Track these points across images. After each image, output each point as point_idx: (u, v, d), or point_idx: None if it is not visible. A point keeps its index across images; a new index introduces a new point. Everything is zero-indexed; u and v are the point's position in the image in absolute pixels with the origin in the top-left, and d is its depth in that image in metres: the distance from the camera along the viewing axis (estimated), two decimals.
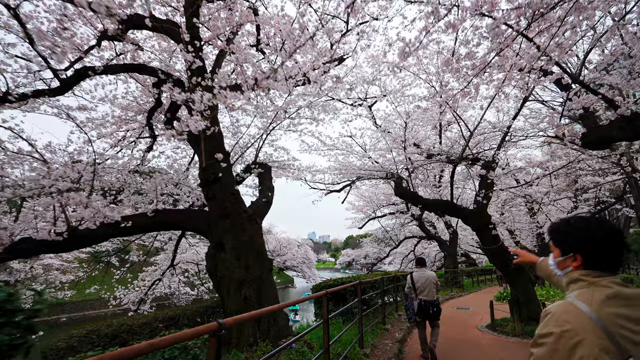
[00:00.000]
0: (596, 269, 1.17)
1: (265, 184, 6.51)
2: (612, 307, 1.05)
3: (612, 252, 1.18)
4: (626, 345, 0.97)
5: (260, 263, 4.94)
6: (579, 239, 1.23)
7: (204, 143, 5.24)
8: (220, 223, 4.98)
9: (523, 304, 7.96)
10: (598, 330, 0.99)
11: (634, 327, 1.01)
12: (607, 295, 1.08)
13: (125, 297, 10.09)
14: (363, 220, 19.09)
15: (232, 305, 4.65)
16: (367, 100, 10.11)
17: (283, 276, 51.58)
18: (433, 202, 8.87)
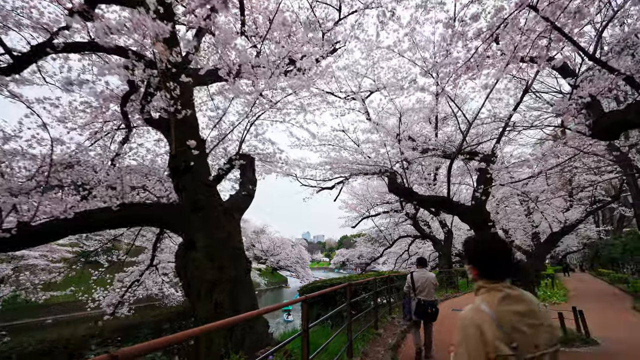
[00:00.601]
0: (490, 278, 1.47)
1: (247, 175, 5.91)
2: (504, 306, 1.37)
3: (498, 264, 1.47)
4: (512, 332, 1.30)
5: (236, 263, 4.34)
6: (473, 255, 1.55)
7: (174, 127, 4.63)
8: (192, 218, 4.37)
9: None
10: (493, 320, 1.33)
11: (518, 318, 1.34)
12: (500, 297, 1.39)
13: (104, 299, 9.42)
14: (356, 219, 18.54)
15: (203, 311, 4.04)
16: (360, 93, 9.57)
17: (277, 276, 50.88)
18: (428, 199, 8.33)
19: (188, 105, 4.66)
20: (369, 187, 18.12)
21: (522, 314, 1.35)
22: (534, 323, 1.34)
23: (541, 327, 1.35)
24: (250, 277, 4.70)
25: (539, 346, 1.30)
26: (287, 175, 10.68)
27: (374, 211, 18.53)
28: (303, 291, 7.51)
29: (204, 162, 4.75)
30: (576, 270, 37.58)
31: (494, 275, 1.46)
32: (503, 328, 1.30)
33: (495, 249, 1.49)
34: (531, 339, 1.31)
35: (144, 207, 4.86)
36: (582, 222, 15.72)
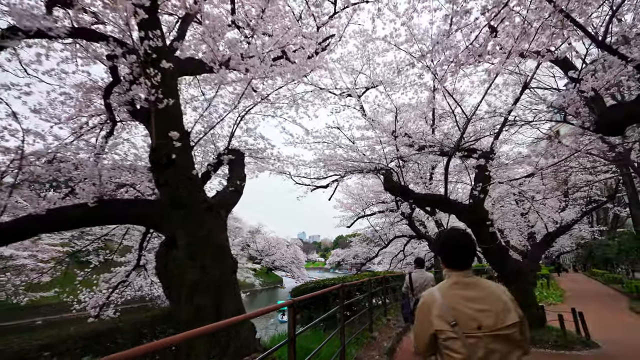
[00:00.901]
0: (450, 267, 1.68)
1: (236, 171, 5.58)
2: (453, 290, 1.60)
3: (458, 256, 1.68)
4: (454, 312, 1.50)
5: (220, 263, 4.01)
6: (438, 247, 1.87)
7: (154, 118, 4.30)
8: (173, 214, 4.04)
9: (523, 308, 7.16)
10: (439, 302, 1.56)
11: (463, 301, 1.53)
12: (451, 283, 1.64)
13: (90, 300, 9.02)
14: (352, 219, 18.24)
15: (183, 315, 3.71)
16: (355, 90, 9.28)
17: (272, 276, 50.50)
18: (425, 197, 8.05)
19: (171, 94, 4.32)
20: (364, 186, 17.84)
21: (469, 299, 1.53)
22: (480, 308, 1.49)
23: (486, 311, 1.48)
24: (236, 277, 4.37)
25: (483, 327, 1.45)
26: (280, 173, 10.36)
27: (369, 211, 18.24)
28: (295, 293, 7.21)
29: (187, 156, 4.41)
30: (569, 271, 37.65)
31: (455, 266, 1.66)
32: (446, 308, 1.52)
33: (456, 243, 1.70)
34: (473, 320, 1.47)
35: (123, 204, 4.51)
36: (578, 222, 15.56)
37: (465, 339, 1.45)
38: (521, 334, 1.52)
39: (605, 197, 15.88)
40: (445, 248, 1.72)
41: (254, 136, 6.73)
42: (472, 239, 1.73)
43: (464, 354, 1.45)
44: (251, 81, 4.92)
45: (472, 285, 1.58)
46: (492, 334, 1.44)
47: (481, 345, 1.43)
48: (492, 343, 1.43)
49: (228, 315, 3.14)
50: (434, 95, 7.14)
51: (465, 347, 1.44)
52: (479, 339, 1.44)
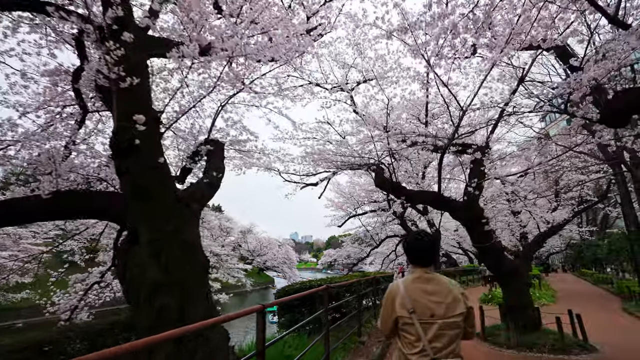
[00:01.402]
0: (414, 264, 1.94)
1: (213, 162, 5.08)
2: (414, 284, 1.84)
3: (419, 255, 1.92)
4: (413, 302, 1.77)
5: (188, 262, 3.52)
6: (406, 247, 2.01)
7: (116, 98, 3.80)
8: (134, 206, 3.55)
9: (518, 311, 6.80)
10: (402, 294, 1.82)
11: (422, 293, 1.79)
12: (414, 278, 1.88)
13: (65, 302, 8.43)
14: (343, 218, 17.81)
15: (143, 319, 3.22)
16: (347, 84, 8.85)
17: (263, 277, 49.89)
18: (418, 194, 7.64)
19: (137, 73, 3.82)
20: (355, 185, 17.44)
21: (427, 292, 1.80)
22: (435, 300, 1.77)
23: (441, 303, 1.76)
24: (208, 277, 3.89)
25: (435, 316, 1.74)
26: (267, 169, 9.88)
27: (361, 210, 17.85)
28: (279, 294, 6.75)
29: (154, 143, 3.91)
30: (558, 271, 37.75)
31: (418, 263, 1.91)
32: (408, 299, 1.79)
33: (419, 244, 1.92)
34: (429, 310, 1.75)
35: (82, 196, 4.00)
36: (570, 222, 15.35)
37: (419, 324, 1.75)
38: (465, 322, 1.81)
39: (597, 198, 15.72)
40: (410, 248, 1.97)
41: (235, 127, 6.24)
42: (434, 241, 1.99)
43: (416, 336, 1.75)
44: (230, 62, 4.44)
45: (430, 280, 1.85)
46: (441, 321, 1.74)
47: (432, 330, 1.73)
48: (441, 329, 1.73)
49: (196, 320, 2.65)
50: (427, 87, 6.75)
51: (418, 331, 1.74)
52: (430, 325, 1.74)
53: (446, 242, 26.22)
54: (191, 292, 3.42)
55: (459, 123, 6.00)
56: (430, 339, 1.72)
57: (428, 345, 1.71)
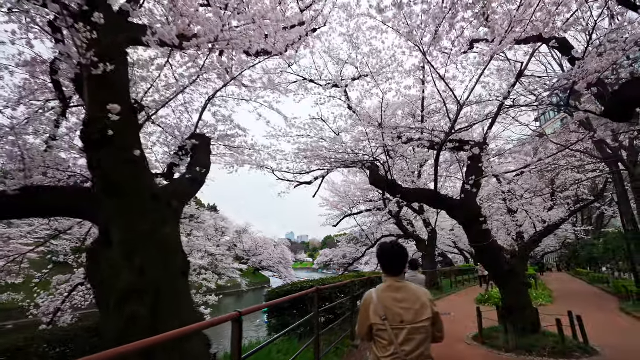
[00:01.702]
0: (386, 273, 2.03)
1: (198, 158, 4.78)
2: (386, 293, 1.96)
3: (390, 264, 2.03)
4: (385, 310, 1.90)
5: (164, 264, 3.23)
6: (378, 256, 2.11)
7: (87, 85, 3.51)
8: (107, 204, 3.26)
9: (517, 312, 6.56)
10: (376, 303, 1.93)
11: (392, 301, 1.91)
12: (385, 286, 1.99)
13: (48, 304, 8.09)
14: (338, 218, 17.56)
15: (110, 328, 2.92)
16: (342, 81, 8.59)
17: (259, 277, 49.51)
18: (414, 192, 7.39)
19: (112, 59, 3.52)
20: (351, 184, 17.20)
21: (397, 300, 1.94)
22: (405, 306, 1.91)
23: (409, 309, 1.91)
24: (187, 281, 3.59)
25: (404, 322, 1.89)
26: (260, 167, 9.59)
27: (356, 209, 17.60)
28: (269, 296, 6.47)
29: (131, 135, 3.62)
30: (553, 270, 37.75)
31: (390, 272, 2.04)
32: (380, 306, 1.93)
33: (389, 254, 2.06)
34: (399, 316, 1.90)
35: (52, 192, 3.69)
36: (566, 221, 15.20)
37: (391, 330, 1.87)
38: (433, 326, 1.94)
39: (593, 197, 15.59)
40: (381, 258, 2.08)
41: (223, 121, 5.95)
42: (403, 251, 2.07)
43: (388, 340, 1.88)
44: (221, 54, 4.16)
45: (400, 289, 1.96)
46: (410, 326, 1.87)
47: (402, 334, 1.86)
48: (410, 333, 1.86)
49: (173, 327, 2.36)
50: (423, 81, 6.50)
51: (390, 336, 1.87)
52: (401, 330, 1.87)
53: (442, 241, 26.02)
54: (167, 298, 3.12)
55: (457, 117, 5.76)
56: (400, 343, 1.87)
57: (399, 348, 1.87)
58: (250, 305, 2.73)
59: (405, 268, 2.15)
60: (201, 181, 4.48)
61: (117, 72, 3.64)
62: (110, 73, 3.50)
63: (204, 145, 5.05)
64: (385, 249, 2.06)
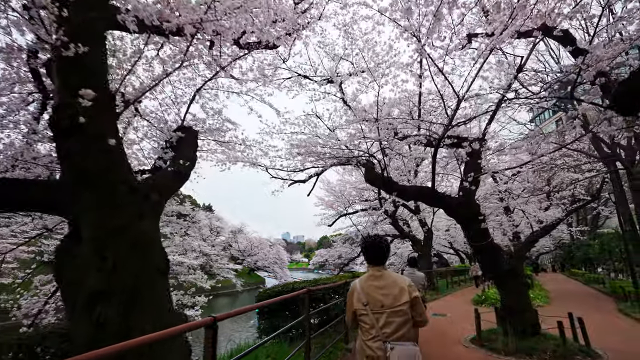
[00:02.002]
0: (369, 263, 2.29)
1: (183, 151, 4.48)
2: (368, 282, 2.19)
3: (372, 255, 2.27)
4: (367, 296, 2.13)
5: (139, 263, 2.94)
6: (362, 249, 2.39)
7: (57, 68, 3.21)
8: (77, 196, 2.97)
9: (516, 314, 6.33)
10: (359, 291, 2.18)
11: (373, 289, 2.14)
12: (367, 276, 2.23)
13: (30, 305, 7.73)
14: (333, 217, 17.29)
15: (79, 333, 2.63)
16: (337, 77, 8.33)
17: (254, 277, 49.10)
18: (411, 190, 7.14)
19: (86, 41, 3.23)
20: (346, 183, 16.95)
21: (378, 287, 2.15)
22: (384, 292, 2.12)
23: (388, 295, 2.11)
24: (167, 282, 3.30)
25: (384, 306, 2.09)
26: (253, 165, 9.30)
27: (351, 209, 17.34)
28: (260, 297, 6.18)
29: (107, 123, 3.32)
30: (548, 271, 37.76)
31: (372, 262, 2.27)
32: (362, 294, 2.16)
33: (372, 246, 2.29)
34: (379, 302, 2.11)
35: (20, 184, 3.39)
36: (562, 221, 15.05)
37: (372, 314, 2.11)
38: (412, 310, 2.13)
39: (590, 197, 15.47)
40: (365, 250, 2.33)
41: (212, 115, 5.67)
42: (383, 243, 2.32)
43: (370, 324, 2.11)
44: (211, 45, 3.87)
45: (380, 277, 2.20)
46: (389, 310, 2.09)
47: (382, 318, 2.09)
48: (390, 316, 2.08)
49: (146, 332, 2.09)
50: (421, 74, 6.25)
51: (372, 320, 2.10)
52: (381, 314, 2.10)
53: (437, 242, 25.85)
54: (142, 299, 2.83)
55: (455, 111, 5.52)
56: (381, 326, 2.05)
57: (380, 331, 2.04)
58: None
59: (386, 259, 2.34)
60: (185, 174, 4.19)
61: (91, 54, 3.34)
62: (83, 55, 3.20)
63: (190, 137, 4.76)
64: (367, 242, 2.33)
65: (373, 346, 2.03)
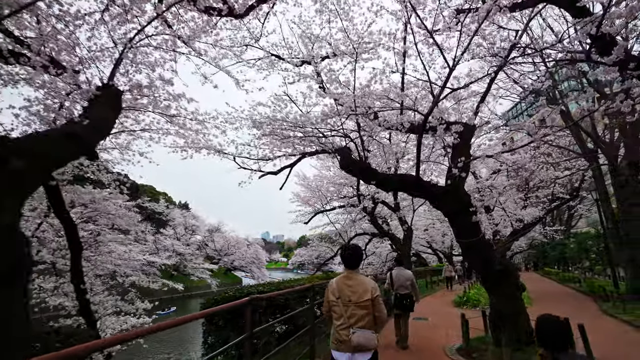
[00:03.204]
0: (345, 267, 2.87)
1: (92, 111, 3.28)
2: (342, 280, 2.76)
3: (346, 261, 2.87)
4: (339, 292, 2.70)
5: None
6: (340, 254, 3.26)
7: None
8: None
9: (509, 319, 5.44)
10: (334, 287, 2.75)
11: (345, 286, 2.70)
12: (342, 276, 2.80)
13: None
14: (310, 215, 16.21)
15: None
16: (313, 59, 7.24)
17: (231, 277, 47.35)
18: (391, 178, 6.16)
19: None
20: (323, 178, 15.90)
21: (348, 285, 2.71)
22: (352, 290, 2.67)
23: (355, 292, 2.66)
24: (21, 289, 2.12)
25: (351, 301, 2.64)
26: (218, 152, 8.09)
27: (329, 206, 16.30)
28: (205, 305, 5.01)
29: None
30: (522, 270, 38.06)
31: (346, 266, 2.87)
32: (336, 289, 2.74)
33: (348, 253, 2.91)
34: (347, 296, 2.66)
35: None
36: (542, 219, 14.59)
37: (342, 305, 2.67)
38: (373, 306, 2.65)
39: (569, 195, 15.11)
40: (342, 256, 2.96)
41: (147, 73, 4.46)
42: (357, 251, 2.98)
43: (340, 314, 2.67)
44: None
45: (351, 278, 2.77)
46: (354, 304, 2.64)
47: (349, 309, 2.64)
48: (354, 309, 2.63)
49: None
50: (404, 38, 5.27)
51: (341, 310, 2.66)
52: (348, 306, 2.65)
53: (416, 241, 25.23)
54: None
55: (446, 81, 4.56)
56: (348, 316, 2.63)
57: (347, 320, 2.63)
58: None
59: (359, 265, 2.96)
60: (87, 139, 2.99)
61: None
62: None
63: (107, 97, 3.55)
64: (346, 250, 2.96)
65: (342, 333, 2.61)
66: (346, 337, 2.53)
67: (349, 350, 2.52)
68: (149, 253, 26.42)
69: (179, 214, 42.91)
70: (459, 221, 5.53)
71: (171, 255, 37.53)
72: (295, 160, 9.40)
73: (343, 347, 2.55)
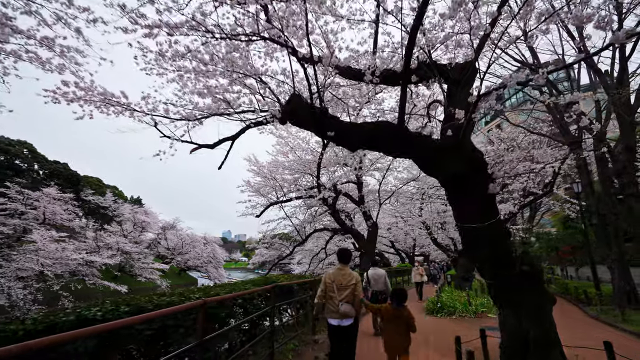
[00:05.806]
0: (339, 262, 4.05)
1: None
2: (336, 271, 3.95)
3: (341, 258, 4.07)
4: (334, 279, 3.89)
5: None
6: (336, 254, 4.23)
7: None
8: None
9: (537, 349, 3.36)
10: (331, 275, 3.94)
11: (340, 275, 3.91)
12: (337, 268, 3.99)
13: None
14: (262, 207, 13.66)
15: None
16: None
17: (185, 277, 43.26)
18: (360, 128, 3.87)
19: None
20: (280, 166, 13.46)
21: (341, 274, 3.87)
22: (342, 277, 3.84)
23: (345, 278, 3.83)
24: None
25: (342, 284, 3.78)
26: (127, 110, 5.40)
27: (285, 197, 13.85)
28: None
29: None
30: None
31: (341, 262, 4.01)
32: (332, 276, 3.87)
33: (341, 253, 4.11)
34: (340, 282, 3.80)
35: None
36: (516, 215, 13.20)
37: (335, 287, 3.76)
38: (355, 290, 3.77)
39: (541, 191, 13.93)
40: (338, 255, 4.08)
41: None
42: (347, 252, 4.11)
43: (334, 293, 3.75)
44: None
45: (342, 270, 3.91)
46: (344, 287, 3.77)
47: (340, 290, 3.76)
48: (344, 290, 3.75)
49: None
50: None
51: (334, 290, 3.75)
52: (339, 288, 3.76)
53: (379, 240, 23.48)
54: None
55: None
56: (338, 295, 3.73)
57: (338, 297, 3.72)
58: None
59: (349, 261, 4.07)
60: None
61: None
62: None
63: None
64: (340, 250, 4.12)
65: (334, 305, 3.72)
66: (336, 308, 3.69)
67: (338, 317, 3.70)
68: (87, 252, 22.80)
69: (129, 210, 38.32)
70: (464, 193, 3.37)
71: (115, 254, 33.08)
72: (238, 132, 6.88)
73: (335, 315, 3.71)
